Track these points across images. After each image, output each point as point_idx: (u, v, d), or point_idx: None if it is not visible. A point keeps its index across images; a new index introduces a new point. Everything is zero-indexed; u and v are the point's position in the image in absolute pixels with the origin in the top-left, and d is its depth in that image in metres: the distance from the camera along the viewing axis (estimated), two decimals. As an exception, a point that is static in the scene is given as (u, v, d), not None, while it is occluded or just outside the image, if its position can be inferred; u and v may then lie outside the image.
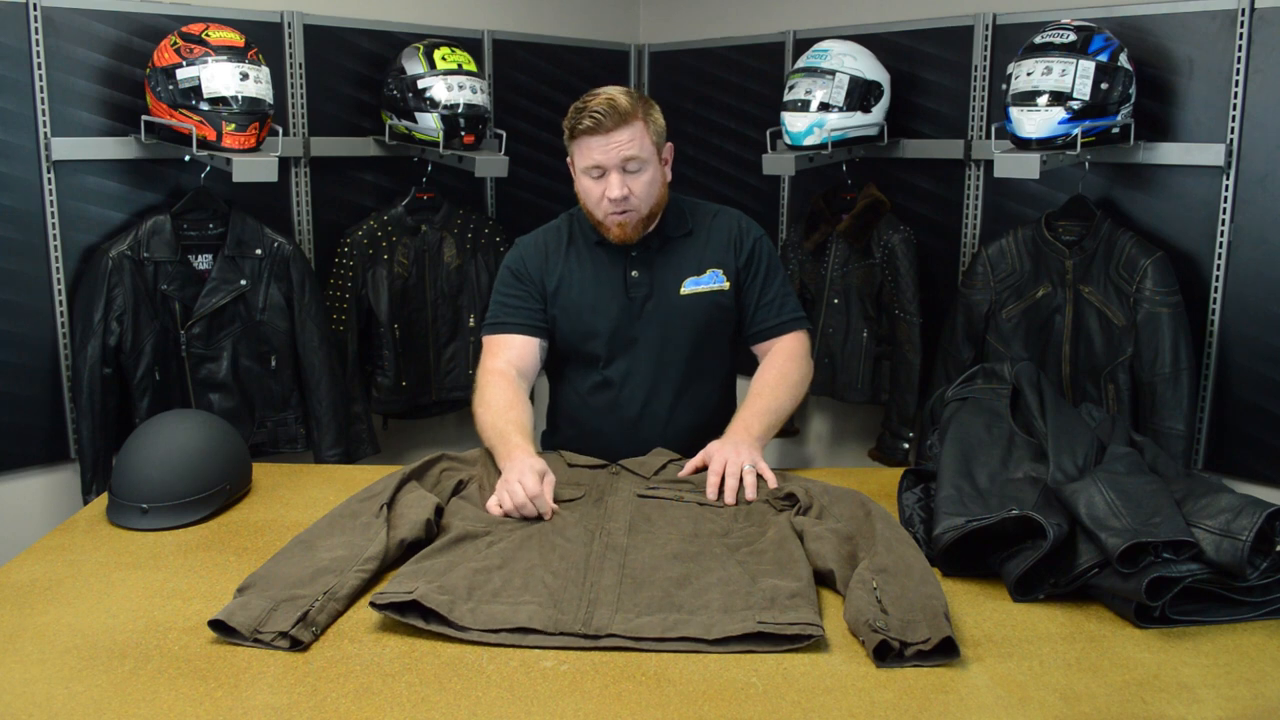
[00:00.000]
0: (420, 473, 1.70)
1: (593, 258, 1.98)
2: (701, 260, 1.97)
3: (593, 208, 1.91)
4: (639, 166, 1.86)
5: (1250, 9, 2.27)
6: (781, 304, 2.01)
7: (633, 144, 1.83)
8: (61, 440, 2.53)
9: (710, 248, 1.99)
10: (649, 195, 1.88)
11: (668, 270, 1.96)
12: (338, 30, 2.85)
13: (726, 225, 2.01)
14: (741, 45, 3.29)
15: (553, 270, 1.98)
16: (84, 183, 2.47)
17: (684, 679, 1.21)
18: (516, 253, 2.02)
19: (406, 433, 3.15)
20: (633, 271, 1.95)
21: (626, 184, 1.85)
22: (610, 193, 1.84)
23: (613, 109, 1.82)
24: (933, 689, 1.20)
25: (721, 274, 1.98)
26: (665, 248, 1.97)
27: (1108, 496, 1.41)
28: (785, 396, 1.92)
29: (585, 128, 1.83)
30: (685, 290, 1.96)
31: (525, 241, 2.04)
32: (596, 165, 1.85)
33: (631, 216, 1.88)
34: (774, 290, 2.01)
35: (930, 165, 2.86)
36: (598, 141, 1.83)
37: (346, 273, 2.83)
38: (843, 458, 3.28)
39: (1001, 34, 2.68)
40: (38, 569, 1.53)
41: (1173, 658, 1.28)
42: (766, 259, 2.01)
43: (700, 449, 1.79)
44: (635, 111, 1.84)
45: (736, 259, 1.99)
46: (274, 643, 1.28)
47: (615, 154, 1.83)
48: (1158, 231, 2.44)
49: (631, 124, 1.83)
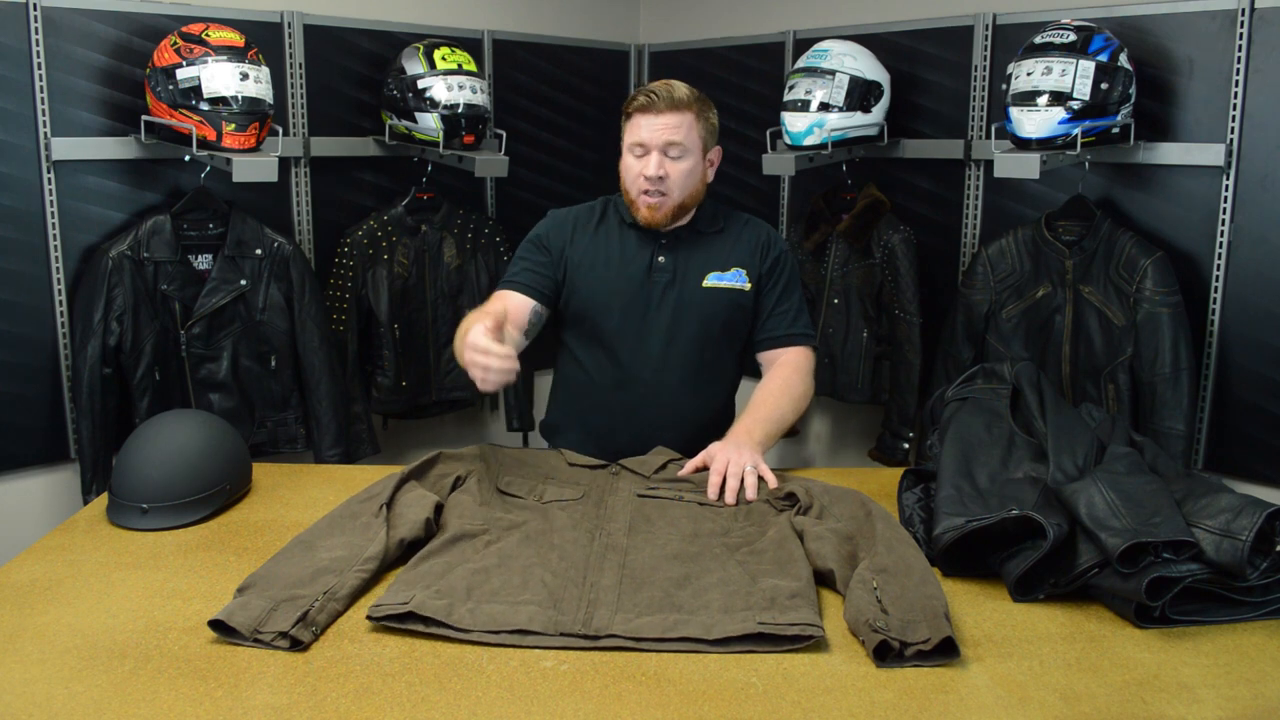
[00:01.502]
0: (420, 472, 1.70)
1: (621, 237, 2.01)
2: (728, 258, 2.00)
3: (629, 184, 1.95)
4: (680, 153, 1.90)
5: (1250, 9, 2.27)
6: (795, 318, 2.03)
7: (679, 130, 1.89)
8: (61, 440, 2.53)
9: (738, 248, 2.02)
10: (684, 185, 1.92)
11: (693, 261, 1.99)
12: (338, 30, 2.85)
13: (756, 232, 2.06)
14: (741, 45, 3.29)
15: (578, 243, 2.01)
16: (84, 183, 2.48)
17: (684, 679, 1.21)
18: (546, 222, 2.06)
19: (406, 433, 3.15)
20: (659, 257, 1.98)
21: (665, 166, 1.89)
22: (646, 170, 1.89)
23: (669, 93, 1.89)
24: (933, 689, 1.20)
25: (745, 274, 2.00)
26: (695, 240, 2.01)
27: (1108, 496, 1.41)
28: (788, 407, 1.92)
29: (639, 105, 1.90)
30: (708, 283, 1.98)
31: (558, 213, 2.07)
32: (641, 143, 1.90)
33: (663, 201, 1.92)
34: (790, 304, 2.03)
35: (930, 165, 2.86)
36: (646, 120, 1.89)
37: (346, 273, 2.83)
38: (843, 458, 3.28)
39: (1001, 34, 2.68)
40: (38, 569, 1.53)
41: (1173, 658, 1.28)
42: (788, 273, 2.05)
43: (698, 446, 1.80)
44: (690, 103, 1.91)
45: (761, 264, 2.02)
46: (274, 643, 1.28)
47: (660, 135, 1.88)
48: (1158, 231, 2.44)
49: (683, 112, 1.89)
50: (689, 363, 1.99)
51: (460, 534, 1.52)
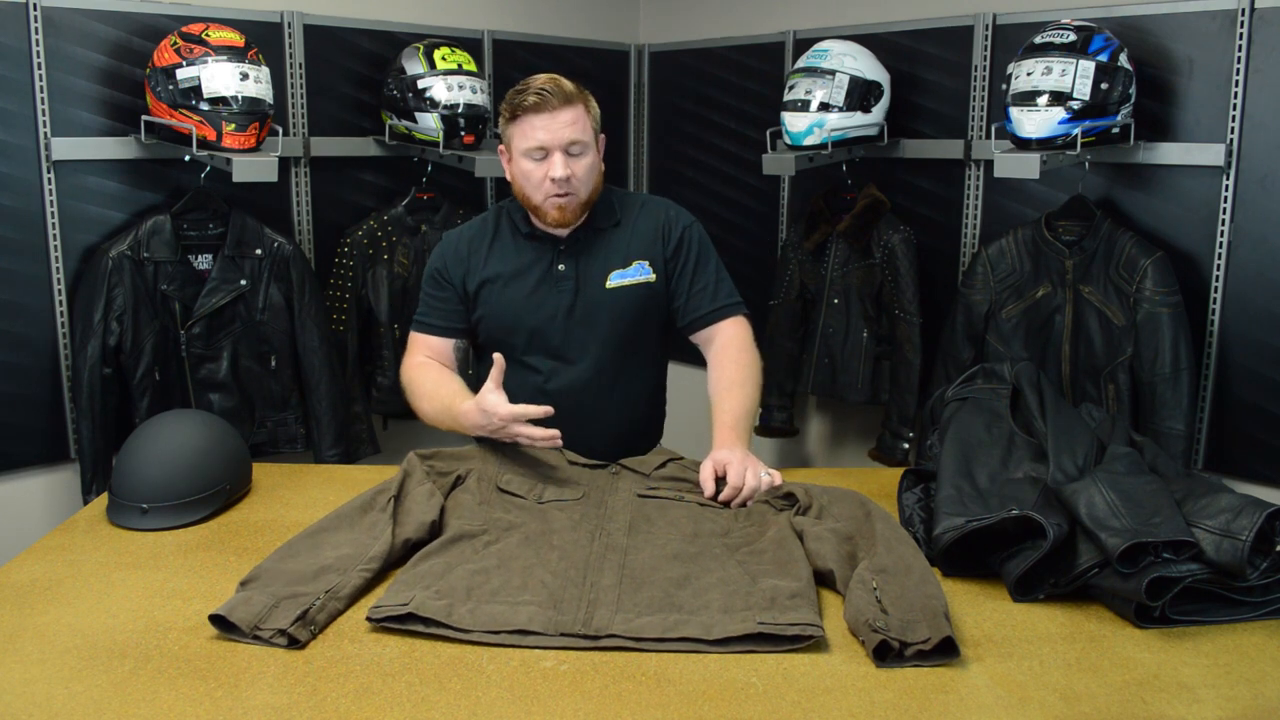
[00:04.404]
0: (423, 465, 1.70)
1: (518, 251, 1.95)
2: (627, 252, 1.95)
3: (532, 191, 1.88)
4: (581, 149, 1.85)
5: (1250, 9, 2.27)
6: (715, 290, 1.97)
7: (576, 126, 1.83)
8: (61, 440, 2.53)
9: (636, 239, 1.96)
10: (589, 180, 1.88)
11: (594, 263, 1.94)
12: (338, 30, 2.85)
13: (653, 215, 1.98)
14: (741, 45, 3.29)
15: (475, 269, 1.95)
16: (84, 183, 2.48)
17: (684, 679, 1.21)
18: (439, 252, 2.00)
19: (406, 433, 3.14)
20: (559, 265, 1.93)
21: (570, 165, 1.84)
22: (554, 172, 1.82)
23: (558, 88, 1.83)
24: (933, 689, 1.20)
25: (647, 265, 1.95)
26: (592, 240, 1.95)
27: (1108, 496, 1.41)
28: (753, 392, 1.90)
29: (530, 104, 1.82)
30: (611, 283, 1.93)
31: (449, 238, 2.01)
32: (540, 146, 1.83)
33: (572, 200, 1.86)
34: (706, 277, 1.97)
35: (930, 165, 2.86)
36: (542, 121, 1.82)
37: (346, 273, 2.83)
38: (843, 458, 3.28)
39: (1001, 34, 2.68)
40: (38, 569, 1.53)
41: (1173, 658, 1.28)
42: (696, 246, 1.97)
43: (634, 442, 1.86)
44: (578, 96, 1.86)
45: (664, 249, 1.96)
46: (273, 640, 1.28)
47: (561, 135, 1.82)
48: (1158, 231, 2.44)
49: (575, 105, 1.84)
50: (608, 364, 1.94)
51: (460, 534, 1.52)
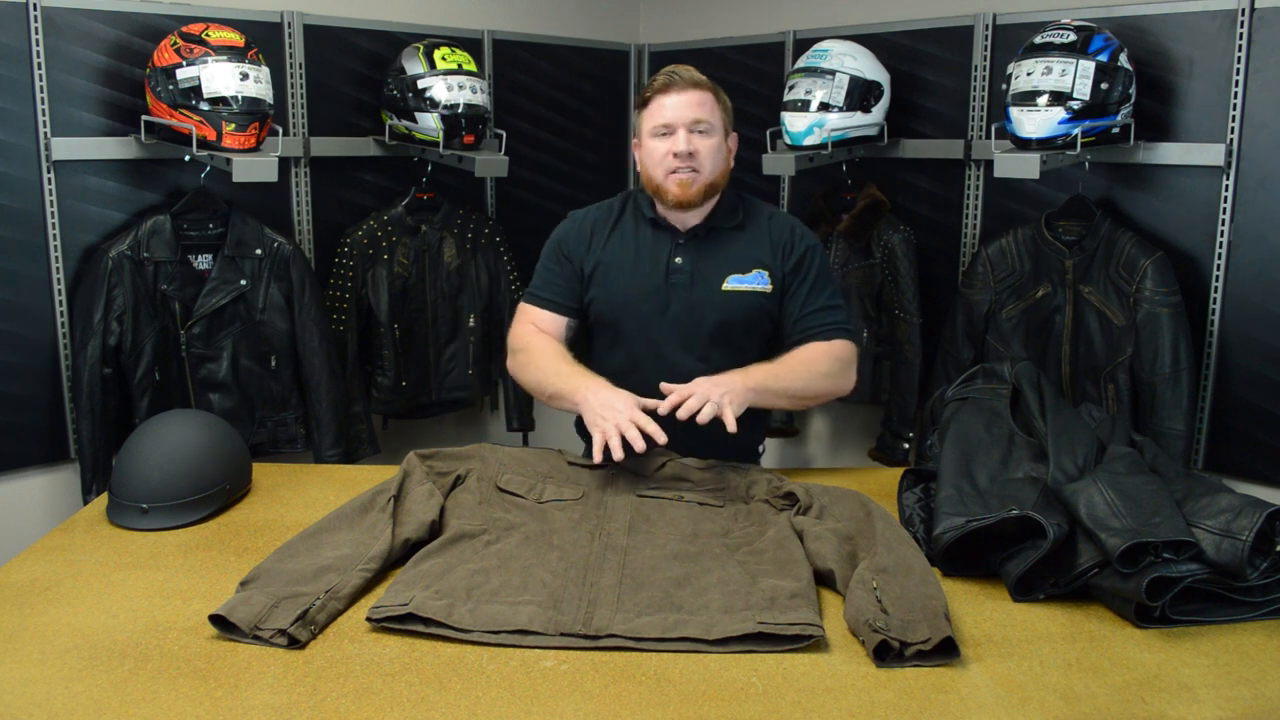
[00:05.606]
0: (423, 465, 1.70)
1: (638, 237, 1.96)
2: (748, 258, 1.94)
3: (654, 168, 1.90)
4: (708, 129, 1.88)
5: (1250, 9, 2.27)
6: (828, 312, 1.94)
7: (703, 106, 1.87)
8: (61, 440, 2.53)
9: (759, 247, 1.95)
10: (713, 161, 1.89)
11: (712, 262, 1.94)
12: (338, 30, 2.85)
13: (779, 227, 1.98)
14: (741, 45, 3.29)
15: (594, 250, 1.97)
16: (84, 183, 2.47)
17: (684, 679, 1.21)
18: (564, 227, 2.03)
19: (406, 433, 3.15)
20: (676, 258, 1.93)
21: (694, 142, 1.86)
22: (676, 146, 1.85)
23: (688, 72, 1.89)
24: (933, 689, 1.20)
25: (766, 275, 1.94)
26: (713, 239, 1.95)
27: (1108, 496, 1.41)
28: (801, 373, 1.87)
29: (659, 85, 1.89)
30: (727, 286, 1.93)
31: (575, 216, 2.04)
32: (666, 124, 1.87)
33: (695, 177, 1.87)
34: (822, 300, 1.94)
35: (930, 165, 2.86)
36: (670, 99, 1.87)
37: (346, 273, 2.83)
38: (843, 458, 3.28)
39: (1001, 34, 2.68)
40: (38, 569, 1.53)
41: (1173, 658, 1.28)
42: (817, 268, 1.96)
43: (718, 449, 1.79)
44: (708, 84, 1.91)
45: (784, 263, 1.95)
46: (273, 640, 1.28)
47: (686, 113, 1.86)
48: (1158, 231, 2.44)
49: (703, 90, 1.89)
50: (707, 366, 1.90)
51: (460, 534, 1.52)
